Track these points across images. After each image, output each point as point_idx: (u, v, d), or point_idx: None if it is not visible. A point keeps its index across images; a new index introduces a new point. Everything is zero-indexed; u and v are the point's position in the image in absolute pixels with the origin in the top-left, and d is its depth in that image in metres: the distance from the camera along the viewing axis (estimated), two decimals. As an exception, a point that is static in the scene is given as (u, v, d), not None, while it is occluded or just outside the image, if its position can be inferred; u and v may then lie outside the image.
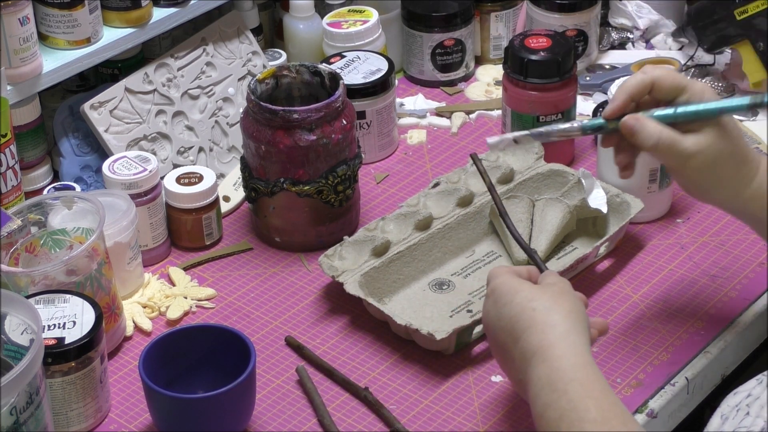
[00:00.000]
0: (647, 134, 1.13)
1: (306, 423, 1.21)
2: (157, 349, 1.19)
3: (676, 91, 1.15)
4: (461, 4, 1.70)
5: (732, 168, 1.15)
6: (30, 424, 1.06)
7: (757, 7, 1.58)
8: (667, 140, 1.13)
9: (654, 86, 1.15)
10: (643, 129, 1.14)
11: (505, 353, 1.09)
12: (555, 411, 1.00)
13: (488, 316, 1.12)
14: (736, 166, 1.15)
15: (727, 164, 1.15)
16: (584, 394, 1.00)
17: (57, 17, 1.41)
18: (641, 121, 1.14)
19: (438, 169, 1.57)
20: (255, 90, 1.40)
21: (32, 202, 1.30)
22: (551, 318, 1.06)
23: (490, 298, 1.12)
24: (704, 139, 1.14)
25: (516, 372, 1.08)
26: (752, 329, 1.33)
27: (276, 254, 1.44)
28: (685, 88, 1.15)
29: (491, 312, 1.11)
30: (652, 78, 1.15)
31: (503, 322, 1.09)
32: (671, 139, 1.13)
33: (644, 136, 1.14)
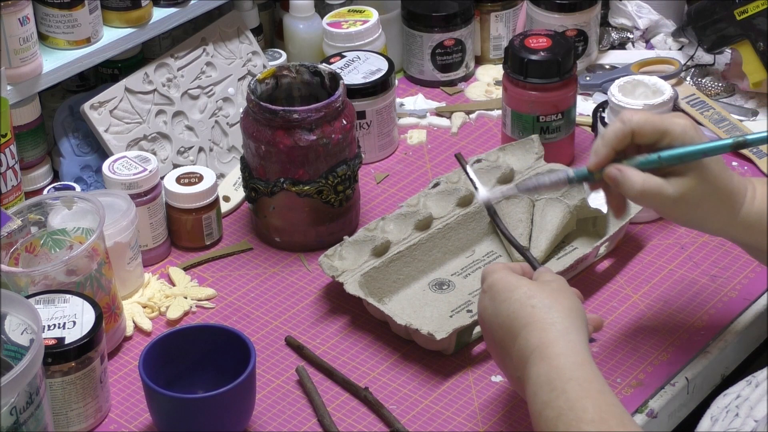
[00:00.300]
0: (631, 185, 1.13)
1: (306, 423, 1.21)
2: (157, 349, 1.19)
3: (656, 136, 1.14)
4: (461, 4, 1.70)
5: (717, 204, 1.15)
6: (30, 424, 1.06)
7: (757, 7, 1.58)
8: (651, 189, 1.13)
9: (634, 134, 1.14)
10: (626, 180, 1.13)
11: (503, 350, 1.10)
12: (553, 410, 1.00)
13: (485, 312, 1.12)
14: (722, 201, 1.15)
15: (713, 201, 1.15)
16: (582, 394, 1.00)
17: (57, 17, 1.41)
18: (624, 172, 1.13)
19: (438, 169, 1.57)
20: (255, 90, 1.40)
21: (32, 202, 1.30)
22: (551, 315, 1.06)
23: (487, 294, 1.12)
24: (688, 183, 1.13)
25: (514, 369, 1.08)
26: (752, 329, 1.33)
27: (276, 254, 1.44)
28: (666, 132, 1.13)
29: (488, 308, 1.11)
30: (631, 127, 1.14)
31: (501, 318, 1.09)
32: (655, 187, 1.13)
33: (628, 186, 1.13)
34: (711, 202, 1.14)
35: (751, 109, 1.63)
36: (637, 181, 1.13)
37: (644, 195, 1.13)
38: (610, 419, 0.98)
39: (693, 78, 1.70)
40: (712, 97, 1.67)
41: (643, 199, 1.14)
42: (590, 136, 1.60)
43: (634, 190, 1.13)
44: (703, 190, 1.13)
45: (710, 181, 1.14)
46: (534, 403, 1.03)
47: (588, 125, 1.63)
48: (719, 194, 1.15)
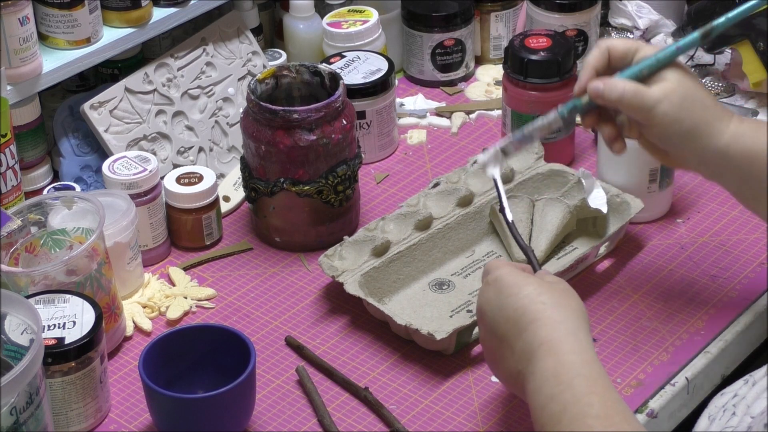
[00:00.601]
0: (611, 88, 1.18)
1: (306, 423, 1.21)
2: (157, 349, 1.19)
3: (629, 53, 1.20)
4: (461, 4, 1.70)
5: (701, 110, 1.17)
6: (30, 424, 1.06)
7: (758, 7, 1.58)
8: (632, 89, 1.17)
9: (609, 54, 1.20)
10: (608, 85, 1.18)
11: (504, 343, 1.09)
12: (558, 404, 1.00)
13: (488, 305, 1.11)
14: (705, 109, 1.18)
15: (695, 106, 1.17)
16: (589, 390, 1.00)
17: (57, 17, 1.41)
18: (605, 80, 1.19)
19: (438, 169, 1.57)
20: (255, 90, 1.40)
21: (32, 202, 1.30)
22: (560, 314, 1.06)
23: (492, 287, 1.11)
24: (668, 84, 1.17)
25: (515, 362, 1.07)
26: (752, 329, 1.33)
27: (276, 254, 1.44)
28: (638, 49, 1.20)
29: (492, 300, 1.11)
30: (606, 45, 1.20)
31: (507, 312, 1.08)
32: (635, 87, 1.17)
33: (608, 90, 1.18)
34: (693, 107, 1.17)
35: (751, 109, 1.63)
36: (617, 84, 1.18)
37: (625, 96, 1.17)
38: (615, 416, 0.98)
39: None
40: (712, 97, 1.67)
41: (624, 100, 1.17)
42: (590, 136, 1.60)
43: (616, 92, 1.17)
44: (684, 90, 1.17)
45: (690, 83, 1.18)
46: (538, 397, 1.02)
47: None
48: (702, 100, 1.18)
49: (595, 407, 0.98)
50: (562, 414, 0.99)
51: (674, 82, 1.17)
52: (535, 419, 1.03)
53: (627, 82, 1.18)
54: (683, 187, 1.50)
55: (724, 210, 1.47)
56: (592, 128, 1.26)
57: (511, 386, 1.10)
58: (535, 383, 1.03)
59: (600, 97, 1.18)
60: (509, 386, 1.12)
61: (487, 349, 1.13)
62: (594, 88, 1.19)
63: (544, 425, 1.01)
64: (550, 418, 1.00)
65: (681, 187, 1.50)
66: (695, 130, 1.17)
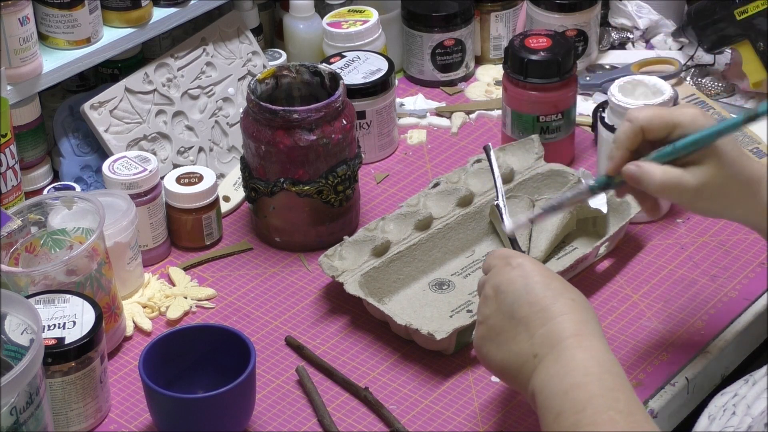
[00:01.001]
0: (650, 177, 1.13)
1: (306, 423, 1.21)
2: (157, 349, 1.19)
3: (667, 129, 1.14)
4: (461, 4, 1.70)
5: (739, 189, 1.14)
6: (30, 424, 1.06)
7: (757, 7, 1.58)
8: (671, 179, 1.12)
9: (644, 130, 1.14)
10: (645, 174, 1.13)
11: (519, 326, 1.07)
12: (584, 392, 0.98)
13: (512, 285, 1.08)
14: (743, 186, 1.14)
15: (734, 187, 1.14)
16: (616, 386, 0.99)
17: (57, 17, 1.41)
18: (642, 168, 1.13)
19: (438, 169, 1.57)
20: (255, 90, 1.40)
21: (32, 202, 1.30)
22: (587, 315, 1.06)
23: (517, 270, 1.09)
24: (707, 170, 1.13)
25: (529, 346, 1.05)
26: (752, 329, 1.33)
27: (276, 254, 1.44)
28: (676, 123, 1.14)
29: (517, 282, 1.08)
30: (640, 124, 1.14)
31: (534, 297, 1.06)
32: (675, 177, 1.13)
33: (647, 180, 1.13)
34: (732, 187, 1.14)
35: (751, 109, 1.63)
36: (657, 173, 1.12)
37: (665, 186, 1.12)
38: (638, 414, 0.97)
39: (693, 78, 1.70)
40: (712, 97, 1.67)
41: (664, 190, 1.13)
42: (590, 136, 1.60)
43: (654, 183, 1.12)
44: (723, 175, 1.13)
45: (729, 166, 1.13)
46: (559, 383, 1.01)
47: (588, 125, 1.63)
48: (740, 179, 1.14)
49: (622, 402, 0.98)
50: (587, 402, 0.98)
51: (712, 167, 1.12)
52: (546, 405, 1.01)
53: (666, 171, 1.12)
54: (683, 187, 1.50)
55: (724, 210, 1.47)
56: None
57: (512, 368, 1.07)
58: (558, 369, 1.01)
59: (638, 185, 1.14)
60: (509, 368, 1.08)
61: (490, 328, 1.10)
62: (632, 174, 1.14)
63: (560, 412, 0.99)
64: (572, 405, 0.99)
65: (681, 187, 1.50)
66: (734, 205, 1.15)
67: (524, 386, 1.05)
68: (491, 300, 1.10)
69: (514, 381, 1.07)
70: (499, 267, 1.11)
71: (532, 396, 1.03)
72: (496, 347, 1.09)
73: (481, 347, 1.11)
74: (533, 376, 1.04)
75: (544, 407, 1.01)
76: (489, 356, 1.10)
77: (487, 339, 1.10)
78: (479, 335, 1.11)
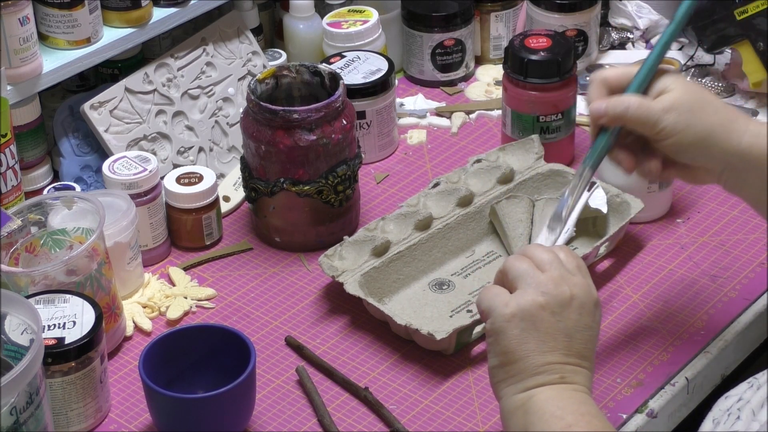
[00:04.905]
0: (614, 104, 1.15)
1: (306, 423, 1.21)
2: (157, 349, 1.19)
3: (624, 78, 1.17)
4: (461, 4, 1.70)
5: (712, 113, 1.14)
6: (30, 424, 1.06)
7: (757, 7, 1.58)
8: (636, 101, 1.14)
9: (607, 85, 1.17)
10: (610, 102, 1.15)
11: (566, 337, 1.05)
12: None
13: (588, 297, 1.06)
14: (717, 112, 1.14)
15: (706, 110, 1.14)
16: None
17: (57, 17, 1.41)
18: (608, 99, 1.16)
19: (438, 169, 1.57)
20: (255, 90, 1.40)
21: (32, 202, 1.30)
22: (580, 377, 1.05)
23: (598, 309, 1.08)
24: (672, 93, 1.14)
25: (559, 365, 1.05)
26: (752, 329, 1.33)
27: (276, 254, 1.44)
28: (630, 72, 1.17)
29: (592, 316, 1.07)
30: (600, 78, 1.18)
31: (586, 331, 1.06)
32: (639, 99, 1.15)
33: (612, 106, 1.15)
34: (705, 111, 1.14)
35: (751, 109, 1.63)
36: (622, 98, 1.15)
37: (631, 106, 1.14)
38: None
39: (693, 78, 1.70)
40: (712, 97, 1.67)
41: (629, 114, 1.14)
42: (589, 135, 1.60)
43: (620, 106, 1.14)
44: (691, 96, 1.14)
45: (695, 88, 1.15)
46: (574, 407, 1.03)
47: (588, 125, 1.63)
48: (711, 104, 1.14)
49: None
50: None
51: (678, 90, 1.14)
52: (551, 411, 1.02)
53: (630, 96, 1.15)
54: (683, 187, 1.50)
55: (724, 210, 1.47)
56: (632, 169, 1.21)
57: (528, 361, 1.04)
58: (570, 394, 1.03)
59: (605, 116, 1.15)
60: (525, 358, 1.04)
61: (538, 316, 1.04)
62: (596, 109, 1.16)
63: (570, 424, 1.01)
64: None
65: (681, 187, 1.50)
66: (711, 135, 1.14)
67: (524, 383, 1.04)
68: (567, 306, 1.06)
69: (519, 370, 1.04)
70: (589, 286, 1.08)
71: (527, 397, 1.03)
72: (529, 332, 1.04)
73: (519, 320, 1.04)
74: (544, 388, 1.03)
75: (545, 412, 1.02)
76: (520, 333, 1.04)
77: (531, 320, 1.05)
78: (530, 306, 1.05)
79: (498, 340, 1.05)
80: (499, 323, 1.05)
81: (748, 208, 1.47)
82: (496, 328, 1.05)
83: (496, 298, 1.06)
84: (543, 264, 1.07)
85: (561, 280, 1.06)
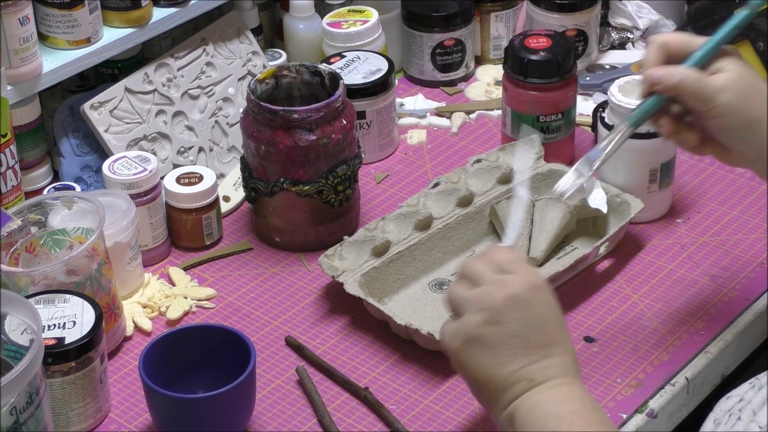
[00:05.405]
0: (671, 73, 1.15)
1: (306, 423, 1.21)
2: (157, 349, 1.19)
3: (686, 47, 1.17)
4: (461, 4, 1.70)
5: (762, 102, 1.14)
6: (30, 424, 1.06)
7: (758, 7, 1.58)
8: (693, 75, 1.14)
9: (667, 50, 1.17)
10: (667, 71, 1.15)
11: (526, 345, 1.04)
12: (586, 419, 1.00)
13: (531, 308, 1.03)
14: (765, 101, 1.14)
15: (757, 98, 1.14)
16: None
17: (57, 17, 1.41)
18: (664, 67, 1.16)
19: (438, 169, 1.57)
20: (255, 90, 1.40)
21: (32, 202, 1.30)
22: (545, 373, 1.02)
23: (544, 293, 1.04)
24: (730, 74, 1.14)
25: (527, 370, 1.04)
26: (752, 329, 1.33)
27: (276, 254, 1.44)
28: (694, 42, 1.17)
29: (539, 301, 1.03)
30: (661, 41, 1.17)
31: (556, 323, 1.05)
32: (697, 74, 1.14)
33: (668, 76, 1.15)
34: (755, 98, 1.14)
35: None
36: (679, 69, 1.15)
37: (687, 79, 1.14)
38: None
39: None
40: (712, 97, 1.67)
41: (686, 85, 1.14)
42: (590, 136, 1.60)
43: (676, 77, 1.14)
44: (745, 80, 1.14)
45: (752, 75, 1.15)
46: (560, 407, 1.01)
47: (588, 125, 1.63)
48: (762, 94, 1.14)
49: None
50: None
51: (736, 72, 1.14)
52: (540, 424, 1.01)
53: (688, 69, 1.15)
54: (683, 187, 1.50)
55: (724, 210, 1.47)
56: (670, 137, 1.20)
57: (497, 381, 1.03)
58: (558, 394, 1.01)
59: (659, 84, 1.15)
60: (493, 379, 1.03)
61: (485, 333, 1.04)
62: (652, 75, 1.15)
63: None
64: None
65: (681, 187, 1.50)
66: (755, 123, 1.14)
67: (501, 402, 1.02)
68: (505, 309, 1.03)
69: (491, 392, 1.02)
70: (524, 275, 1.05)
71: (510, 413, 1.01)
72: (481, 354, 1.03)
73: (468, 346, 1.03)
74: (521, 399, 1.01)
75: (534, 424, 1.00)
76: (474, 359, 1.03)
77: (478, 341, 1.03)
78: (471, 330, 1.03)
79: (462, 371, 1.05)
80: (456, 358, 1.04)
81: (748, 208, 1.47)
82: (457, 363, 1.05)
83: (447, 335, 1.05)
84: (476, 278, 1.05)
85: (494, 286, 1.03)
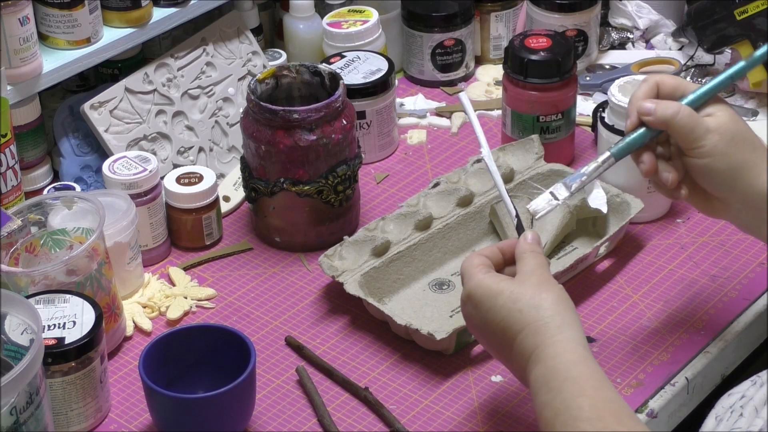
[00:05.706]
0: (665, 106, 1.15)
1: (306, 423, 1.21)
2: (157, 349, 1.19)
3: (678, 90, 1.17)
4: (461, 4, 1.70)
5: (749, 149, 1.15)
6: (30, 424, 1.06)
7: (757, 7, 1.58)
8: (687, 110, 1.14)
9: (659, 89, 1.17)
10: (661, 104, 1.15)
11: (502, 354, 1.09)
12: (551, 410, 1.00)
13: (472, 321, 1.11)
14: (754, 149, 1.15)
15: (745, 145, 1.15)
16: (577, 392, 0.99)
17: (57, 17, 1.41)
18: (659, 101, 1.16)
19: (438, 169, 1.57)
20: (255, 90, 1.40)
21: (32, 202, 1.30)
22: (540, 316, 1.05)
23: (469, 304, 1.10)
24: (720, 119, 1.15)
25: (518, 370, 1.07)
26: (752, 329, 1.33)
27: (276, 254, 1.44)
28: (687, 88, 1.17)
29: (475, 318, 1.10)
30: (655, 81, 1.17)
31: (492, 326, 1.08)
32: (690, 110, 1.15)
33: (662, 108, 1.15)
34: (743, 145, 1.15)
35: (751, 109, 1.63)
36: (673, 104, 1.15)
37: (681, 113, 1.14)
38: (606, 416, 0.98)
39: (693, 78, 1.70)
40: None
41: (680, 119, 1.14)
42: (590, 136, 1.60)
43: (671, 110, 1.14)
44: (735, 127, 1.15)
45: (740, 124, 1.16)
46: (535, 404, 1.02)
47: (588, 125, 1.63)
48: (750, 141, 1.15)
49: (585, 410, 0.98)
50: (555, 420, 0.99)
51: (726, 118, 1.15)
52: (538, 424, 1.02)
53: (682, 104, 1.15)
54: (683, 187, 1.50)
55: (724, 210, 1.47)
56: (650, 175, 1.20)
57: (528, 388, 1.09)
58: (532, 391, 1.03)
59: (652, 115, 1.15)
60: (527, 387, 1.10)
61: (495, 356, 1.13)
62: (644, 106, 1.15)
63: (543, 430, 1.01)
64: (546, 425, 1.00)
65: (681, 187, 1.50)
66: (742, 169, 1.15)
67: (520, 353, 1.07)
68: (474, 335, 1.13)
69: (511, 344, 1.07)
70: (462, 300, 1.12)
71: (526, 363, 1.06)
72: (511, 372, 1.11)
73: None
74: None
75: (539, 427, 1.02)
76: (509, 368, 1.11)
77: (504, 364, 1.12)
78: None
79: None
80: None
81: (748, 208, 1.47)
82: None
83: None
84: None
85: (462, 305, 1.12)
